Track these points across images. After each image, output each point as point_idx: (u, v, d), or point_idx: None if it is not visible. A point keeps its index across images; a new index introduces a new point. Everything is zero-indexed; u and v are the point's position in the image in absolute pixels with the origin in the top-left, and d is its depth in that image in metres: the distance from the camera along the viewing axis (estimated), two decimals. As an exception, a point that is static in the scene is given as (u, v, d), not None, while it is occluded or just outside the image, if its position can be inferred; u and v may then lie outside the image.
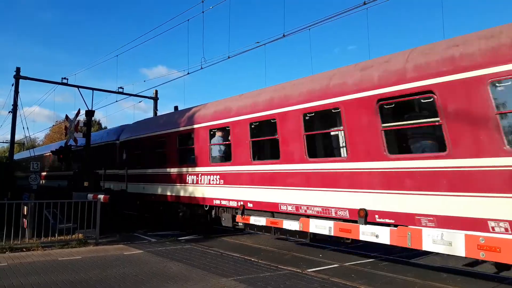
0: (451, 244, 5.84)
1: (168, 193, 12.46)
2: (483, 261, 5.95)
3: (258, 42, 13.70)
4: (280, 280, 6.66)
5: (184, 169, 11.92)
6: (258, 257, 8.60)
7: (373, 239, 6.94)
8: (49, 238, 9.67)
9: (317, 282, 6.54)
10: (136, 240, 10.82)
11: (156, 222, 13.40)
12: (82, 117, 15.76)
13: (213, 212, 11.11)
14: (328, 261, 8.53)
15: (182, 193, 11.92)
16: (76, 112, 15.26)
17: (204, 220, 11.59)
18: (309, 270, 7.54)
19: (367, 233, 7.00)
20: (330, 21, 12.09)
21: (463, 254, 5.70)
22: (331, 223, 7.67)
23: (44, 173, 24.98)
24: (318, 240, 10.70)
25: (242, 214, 9.89)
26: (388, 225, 6.66)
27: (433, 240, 6.07)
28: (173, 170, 12.46)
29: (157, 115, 24.70)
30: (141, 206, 14.18)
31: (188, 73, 17.52)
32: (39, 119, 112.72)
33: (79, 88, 19.68)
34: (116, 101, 24.35)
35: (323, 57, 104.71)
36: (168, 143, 12.84)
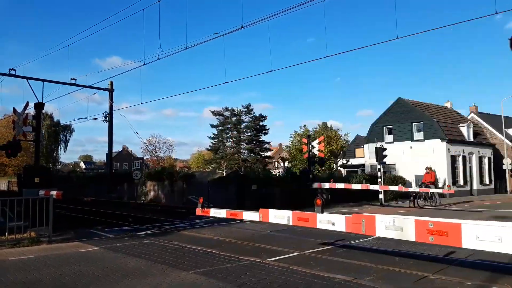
0: (402, 229, 6.12)
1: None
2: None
3: (216, 33, 13.63)
4: (241, 270, 6.70)
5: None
6: (219, 249, 8.59)
7: (330, 227, 7.13)
8: (-2, 237, 9.15)
9: (277, 271, 6.64)
10: (92, 237, 10.46)
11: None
12: (32, 110, 14.98)
13: None
14: (288, 250, 8.66)
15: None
16: (24, 105, 14.49)
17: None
18: (270, 259, 7.62)
19: (324, 221, 7.19)
20: (288, 13, 12.23)
21: (413, 239, 5.98)
22: (289, 212, 7.80)
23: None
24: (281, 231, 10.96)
25: (202, 207, 9.83)
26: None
27: (385, 226, 6.33)
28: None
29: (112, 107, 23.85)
30: None
31: (144, 64, 17.20)
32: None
33: (28, 80, 18.68)
34: (69, 93, 23.44)
35: (282, 49, 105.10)
36: None
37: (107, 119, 28.72)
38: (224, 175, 37.43)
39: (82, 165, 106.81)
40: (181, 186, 24.60)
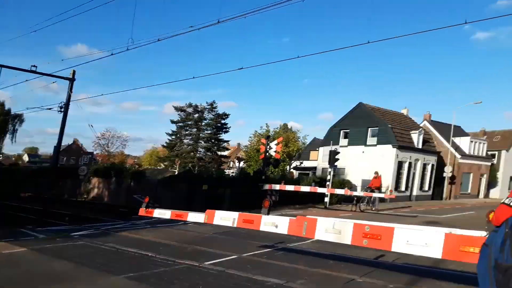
0: (341, 232, 6.19)
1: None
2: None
3: (191, 27, 13.29)
4: (175, 275, 6.53)
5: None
6: (156, 252, 8.32)
7: (273, 229, 7.10)
8: None
9: (212, 275, 6.53)
10: (21, 237, 9.77)
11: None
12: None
13: None
14: (228, 252, 8.56)
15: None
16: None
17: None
18: (207, 263, 7.49)
19: (268, 223, 7.15)
20: (265, 11, 11.97)
21: (349, 242, 6.08)
22: (235, 214, 7.68)
23: None
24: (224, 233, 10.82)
25: (147, 207, 9.49)
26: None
27: (325, 229, 6.38)
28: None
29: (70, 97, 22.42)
30: None
31: (112, 54, 16.28)
32: None
33: (-18, 65, 17.21)
34: (27, 80, 21.63)
35: (257, 48, 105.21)
36: None
37: (62, 109, 27.12)
38: (176, 173, 36.73)
39: (26, 157, 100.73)
40: (129, 184, 23.82)
